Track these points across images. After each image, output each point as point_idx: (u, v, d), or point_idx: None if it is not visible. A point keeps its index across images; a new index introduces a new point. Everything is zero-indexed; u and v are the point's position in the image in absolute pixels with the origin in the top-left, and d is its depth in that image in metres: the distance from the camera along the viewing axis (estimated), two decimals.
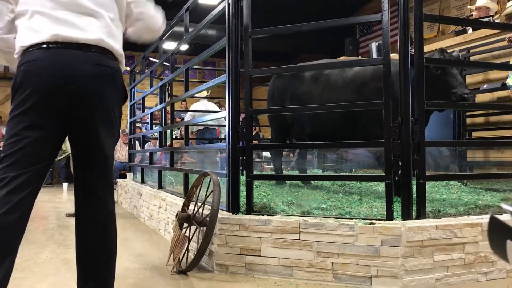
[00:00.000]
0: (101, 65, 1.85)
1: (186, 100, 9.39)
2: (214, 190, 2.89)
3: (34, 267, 2.97)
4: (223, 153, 5.94)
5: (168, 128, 5.30)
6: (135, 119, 6.89)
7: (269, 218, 2.82)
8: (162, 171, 5.09)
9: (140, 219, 5.21)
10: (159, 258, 3.28)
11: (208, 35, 9.85)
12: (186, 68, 4.18)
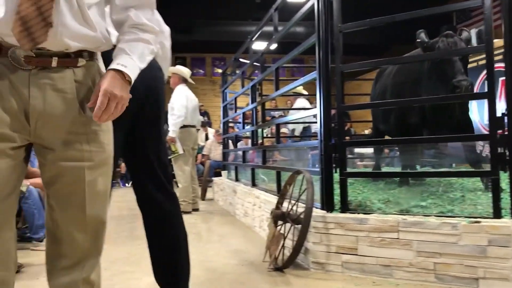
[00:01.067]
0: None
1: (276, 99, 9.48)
2: (308, 188, 2.89)
3: (141, 262, 3.17)
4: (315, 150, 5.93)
5: (260, 127, 5.40)
6: (228, 119, 7.10)
7: (366, 216, 2.76)
8: (255, 169, 5.19)
9: (235, 216, 5.36)
10: (255, 255, 3.35)
11: (297, 33, 9.86)
12: (276, 67, 4.22)
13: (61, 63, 1.30)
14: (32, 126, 1.29)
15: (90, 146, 1.36)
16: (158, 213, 1.97)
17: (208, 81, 14.43)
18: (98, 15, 1.36)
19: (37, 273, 2.92)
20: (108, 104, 1.27)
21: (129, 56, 1.36)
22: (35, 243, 3.58)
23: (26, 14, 1.20)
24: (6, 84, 1.25)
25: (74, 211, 1.37)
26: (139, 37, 1.40)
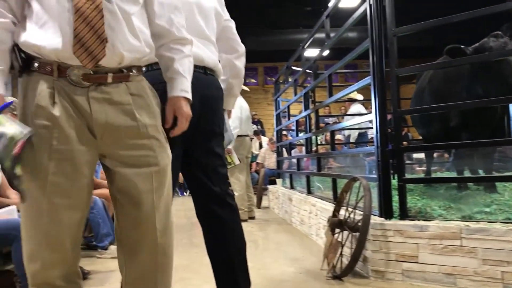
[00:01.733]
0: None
1: (330, 105, 9.41)
2: (365, 195, 2.85)
3: (200, 269, 3.24)
4: (371, 156, 5.82)
5: (314, 134, 5.38)
6: (281, 127, 7.12)
7: (426, 223, 2.68)
8: (310, 177, 5.17)
9: (292, 224, 5.36)
10: (312, 263, 3.34)
11: (349, 38, 9.76)
12: (329, 74, 4.20)
13: (115, 78, 1.39)
14: (98, 139, 1.37)
15: (155, 152, 1.45)
16: (217, 225, 2.00)
17: (261, 90, 14.55)
18: (140, 23, 1.44)
19: (103, 280, 3.05)
20: (184, 123, 1.52)
21: (186, 79, 1.56)
22: (100, 251, 3.74)
23: (83, 36, 1.29)
24: (69, 103, 1.33)
25: (143, 215, 1.44)
26: (185, 54, 1.58)
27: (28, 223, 1.36)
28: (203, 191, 1.99)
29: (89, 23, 1.29)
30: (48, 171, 1.32)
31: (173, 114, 1.52)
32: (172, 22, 1.54)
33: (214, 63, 2.01)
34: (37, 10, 1.32)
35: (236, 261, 2.01)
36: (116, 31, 1.34)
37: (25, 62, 1.35)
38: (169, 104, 1.53)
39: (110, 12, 1.33)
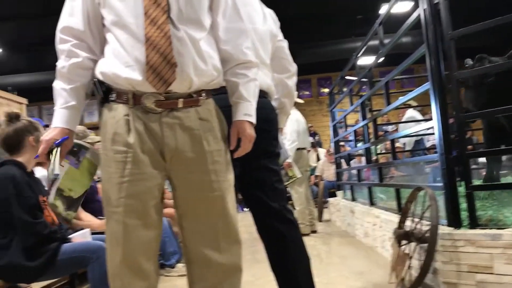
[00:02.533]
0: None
1: (388, 113, 9.21)
2: (431, 205, 2.75)
3: (265, 285, 3.25)
4: (431, 164, 5.63)
5: (374, 144, 5.28)
6: (339, 138, 7.05)
7: (499, 231, 2.55)
8: (372, 187, 5.07)
9: (355, 236, 5.26)
10: (379, 276, 3.26)
11: (403, 43, 9.54)
12: (386, 81, 4.13)
13: (186, 103, 1.45)
14: (167, 162, 1.44)
15: (218, 177, 1.48)
16: (278, 241, 2.00)
17: (315, 101, 14.48)
18: (208, 48, 1.50)
19: None
20: (247, 144, 1.56)
21: (250, 103, 1.59)
22: (167, 269, 3.84)
23: (154, 63, 1.37)
24: (143, 128, 1.42)
25: (208, 238, 1.48)
26: (250, 78, 1.61)
27: (108, 244, 1.45)
28: (261, 208, 2.01)
29: (159, 50, 1.37)
30: (122, 194, 1.41)
31: (236, 136, 1.56)
32: (237, 46, 1.57)
33: (267, 86, 2.05)
34: (112, 43, 1.43)
35: (301, 277, 2.01)
36: (184, 56, 1.41)
37: (105, 93, 1.45)
38: (233, 127, 1.57)
39: (178, 38, 1.40)
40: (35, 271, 2.26)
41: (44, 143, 1.44)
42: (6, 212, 2.24)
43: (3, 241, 2.25)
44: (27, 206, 2.28)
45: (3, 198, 2.25)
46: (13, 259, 2.22)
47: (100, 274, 2.25)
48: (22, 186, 2.30)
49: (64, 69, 1.47)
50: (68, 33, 1.49)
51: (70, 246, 2.35)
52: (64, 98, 1.47)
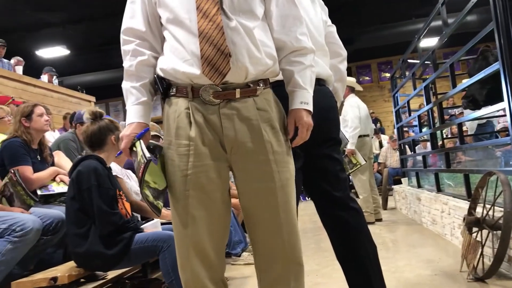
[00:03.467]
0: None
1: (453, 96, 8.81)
2: (504, 190, 2.62)
3: (332, 273, 3.24)
4: (501, 148, 5.34)
5: (439, 129, 5.09)
6: (402, 124, 6.85)
7: None
8: (439, 173, 4.89)
9: (422, 224, 5.11)
10: (449, 264, 3.15)
11: (467, 22, 9.04)
12: (451, 63, 3.96)
13: (243, 93, 1.47)
14: (228, 153, 1.47)
15: (278, 167, 1.49)
16: (343, 230, 1.99)
17: (376, 87, 14.12)
18: (263, 36, 1.50)
19: (239, 286, 3.20)
20: (305, 133, 1.54)
21: (306, 91, 1.56)
22: (234, 258, 3.92)
23: (208, 55, 1.39)
24: (203, 120, 1.45)
25: (271, 229, 1.50)
26: (305, 65, 1.58)
27: (176, 235, 1.51)
28: (325, 198, 2.00)
29: (212, 42, 1.39)
30: (187, 186, 1.45)
31: (294, 125, 1.55)
32: (290, 33, 1.55)
33: (327, 74, 2.04)
34: (170, 40, 1.48)
35: (368, 265, 1.98)
36: (238, 45, 1.42)
37: (165, 89, 1.50)
38: (290, 116, 1.56)
39: (231, 28, 1.42)
40: (112, 259, 2.39)
41: (125, 138, 1.50)
42: (87, 201, 2.40)
43: (81, 230, 2.40)
44: (106, 197, 2.43)
45: (85, 188, 2.41)
46: (92, 247, 2.37)
47: (171, 263, 2.34)
48: (103, 178, 2.46)
49: (132, 68, 1.53)
50: (131, 34, 1.55)
51: (142, 235, 2.47)
52: (135, 95, 1.53)
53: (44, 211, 2.76)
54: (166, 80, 1.50)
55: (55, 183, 3.20)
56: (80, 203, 2.42)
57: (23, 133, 3.10)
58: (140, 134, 1.49)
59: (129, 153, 1.51)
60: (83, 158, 2.57)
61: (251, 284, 3.14)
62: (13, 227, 2.40)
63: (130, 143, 1.49)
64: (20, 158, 3.02)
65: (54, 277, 2.25)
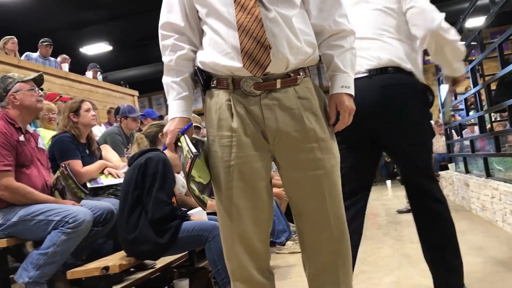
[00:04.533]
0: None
1: None
2: None
3: (378, 261, 3.21)
4: None
5: (489, 112, 4.90)
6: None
7: None
8: (488, 158, 4.72)
9: (471, 210, 4.96)
10: (502, 252, 3.05)
11: None
12: (499, 43, 3.80)
13: (283, 83, 1.46)
14: (271, 144, 1.47)
15: (323, 154, 1.48)
16: (425, 213, 2.06)
17: None
18: (301, 24, 1.47)
19: (285, 274, 3.22)
20: (347, 117, 1.52)
21: (347, 74, 1.54)
22: (278, 246, 3.94)
23: (248, 48, 1.39)
24: (244, 112, 1.45)
25: (318, 217, 1.50)
26: (345, 48, 1.55)
27: (222, 226, 1.52)
28: (407, 180, 2.11)
29: (252, 35, 1.38)
30: (231, 177, 1.46)
31: (335, 110, 1.53)
32: (329, 16, 1.52)
33: (399, 61, 2.02)
34: (209, 33, 1.48)
35: (445, 248, 2.04)
36: (278, 36, 1.41)
37: (206, 81, 1.51)
38: (331, 100, 1.54)
39: (270, 19, 1.40)
40: (160, 246, 2.45)
41: (170, 133, 1.50)
42: (146, 187, 2.48)
43: (133, 216, 2.47)
44: (167, 187, 2.52)
45: (151, 173, 2.50)
46: (141, 234, 2.44)
47: (217, 253, 2.38)
48: (169, 169, 2.56)
49: (172, 63, 1.53)
50: (169, 28, 1.54)
51: (189, 224, 2.51)
52: (176, 90, 1.53)
53: (94, 203, 2.85)
54: (206, 72, 1.51)
55: (103, 176, 3.31)
56: (140, 189, 2.51)
57: (72, 128, 3.21)
58: (184, 129, 1.50)
59: (174, 148, 1.52)
60: (150, 149, 2.71)
61: (296, 273, 3.15)
62: (66, 219, 2.49)
63: (174, 138, 1.49)
64: (70, 153, 3.13)
65: (106, 266, 2.33)
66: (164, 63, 1.56)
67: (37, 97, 2.77)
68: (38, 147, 2.83)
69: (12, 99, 2.69)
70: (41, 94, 2.87)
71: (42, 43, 7.21)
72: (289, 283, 2.94)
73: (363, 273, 2.94)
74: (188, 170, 1.41)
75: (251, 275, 1.49)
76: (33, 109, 2.77)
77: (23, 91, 2.72)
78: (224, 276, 2.36)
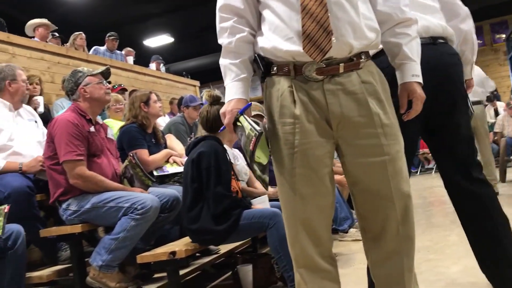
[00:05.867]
0: None
1: None
2: None
3: (445, 249, 3.10)
4: None
5: None
6: None
7: None
8: None
9: None
10: None
11: None
12: None
13: (346, 67, 1.44)
14: (334, 130, 1.45)
15: (387, 140, 1.45)
16: (469, 202, 1.91)
17: (489, 50, 12.95)
18: (365, 9, 1.45)
19: (348, 262, 3.19)
20: (419, 106, 1.54)
21: (416, 63, 1.55)
22: (341, 234, 3.91)
23: (310, 32, 1.37)
24: (307, 98, 1.44)
25: (382, 203, 1.47)
26: (412, 37, 1.55)
27: (285, 213, 1.54)
28: (447, 167, 1.95)
29: (315, 18, 1.36)
30: (294, 164, 1.46)
31: (406, 98, 1.53)
32: (395, 4, 1.52)
33: (441, 30, 1.92)
34: (270, 17, 1.47)
35: (495, 238, 1.87)
36: (342, 21, 1.39)
37: (266, 67, 1.51)
38: (402, 89, 1.54)
39: (335, 3, 1.38)
40: (222, 234, 2.51)
41: (228, 113, 1.51)
42: (204, 181, 2.53)
43: (195, 209, 2.54)
44: (223, 179, 2.54)
45: (205, 168, 2.54)
46: (203, 225, 2.50)
47: (279, 239, 2.40)
48: (222, 160, 2.58)
49: (231, 45, 1.53)
50: (228, 10, 1.53)
51: (250, 212, 2.55)
52: (234, 72, 1.53)
53: (161, 190, 2.96)
54: (266, 58, 1.50)
55: (168, 164, 3.43)
56: (198, 182, 2.55)
57: (143, 118, 3.35)
58: (243, 109, 1.50)
59: (233, 129, 1.52)
60: (203, 138, 2.69)
61: (359, 260, 3.12)
62: (135, 206, 2.61)
63: (233, 118, 1.49)
64: (137, 142, 3.27)
65: (173, 251, 2.42)
66: (223, 45, 1.56)
67: (105, 90, 2.91)
68: (107, 137, 2.97)
69: (82, 92, 2.84)
70: (109, 86, 3.01)
71: (109, 37, 7.51)
72: (352, 271, 2.91)
73: (428, 262, 2.86)
74: (253, 148, 1.41)
75: (315, 261, 1.50)
76: (102, 101, 2.91)
77: (92, 84, 2.86)
78: (286, 263, 2.38)
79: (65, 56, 5.49)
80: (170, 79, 7.96)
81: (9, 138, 2.98)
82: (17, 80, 3.13)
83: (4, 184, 2.71)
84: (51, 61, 5.21)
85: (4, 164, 2.85)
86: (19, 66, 3.29)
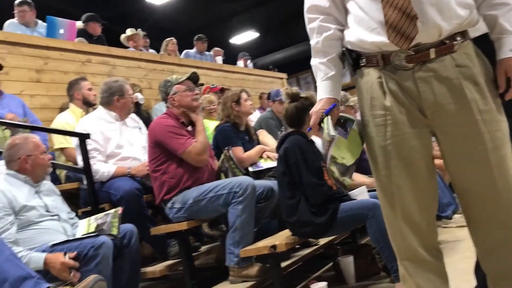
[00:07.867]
0: None
1: None
2: None
3: None
4: None
5: None
6: None
7: None
8: None
9: None
10: None
11: None
12: None
13: (438, 52, 1.37)
14: (429, 118, 1.40)
15: (487, 127, 1.36)
16: None
17: None
18: None
19: (453, 249, 3.06)
20: None
21: None
22: (444, 220, 3.74)
23: (393, 20, 1.33)
24: (397, 88, 1.41)
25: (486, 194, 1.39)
26: (510, 7, 1.40)
27: (383, 205, 1.52)
28: None
29: (396, 6, 1.33)
30: (388, 156, 1.44)
31: (505, 76, 1.40)
32: None
33: None
34: (354, 10, 1.46)
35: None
36: (425, 3, 1.33)
37: (355, 60, 1.50)
38: (500, 66, 1.41)
39: None
40: (321, 227, 2.53)
41: (314, 114, 1.54)
42: (295, 175, 2.59)
43: (292, 201, 2.59)
44: (313, 169, 2.59)
45: (293, 163, 2.60)
46: (301, 217, 2.54)
47: (379, 229, 2.36)
48: (308, 152, 2.63)
49: (318, 44, 1.55)
50: (315, 11, 1.56)
51: (347, 204, 2.54)
52: (323, 71, 1.55)
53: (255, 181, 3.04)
54: (355, 51, 1.49)
55: (262, 160, 3.51)
56: (289, 177, 2.61)
57: (235, 117, 3.48)
58: (328, 110, 1.51)
59: (318, 129, 1.54)
60: (288, 134, 2.77)
61: (464, 248, 2.97)
62: (234, 189, 2.71)
63: (318, 119, 1.52)
64: (232, 140, 3.40)
65: (274, 245, 2.48)
66: (312, 46, 1.58)
67: (192, 96, 3.05)
68: None
69: (171, 101, 3.05)
70: (197, 92, 3.13)
71: (197, 39, 7.78)
72: (460, 259, 2.78)
73: None
74: (327, 152, 1.44)
75: (418, 253, 1.47)
76: (190, 107, 3.06)
77: (179, 93, 3.03)
78: (389, 253, 2.34)
79: (159, 63, 5.82)
80: (258, 74, 8.09)
81: (117, 145, 3.25)
82: (125, 96, 3.40)
83: (116, 187, 2.96)
84: (147, 68, 5.55)
85: (115, 169, 3.11)
86: (125, 81, 3.56)
